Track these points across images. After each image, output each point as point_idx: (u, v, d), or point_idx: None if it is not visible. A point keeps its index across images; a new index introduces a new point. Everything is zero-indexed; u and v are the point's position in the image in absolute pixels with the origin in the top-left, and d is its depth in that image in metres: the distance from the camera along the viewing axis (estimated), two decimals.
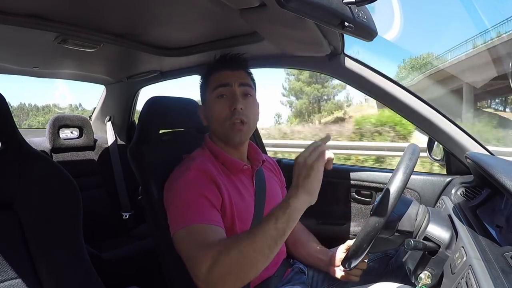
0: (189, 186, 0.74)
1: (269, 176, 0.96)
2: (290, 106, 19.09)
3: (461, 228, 0.73)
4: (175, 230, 0.71)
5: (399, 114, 1.11)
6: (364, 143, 6.28)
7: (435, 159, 1.23)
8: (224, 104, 0.82)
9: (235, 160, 0.85)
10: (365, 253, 0.71)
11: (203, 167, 0.78)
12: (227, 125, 0.82)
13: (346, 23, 0.63)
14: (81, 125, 1.67)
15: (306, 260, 0.98)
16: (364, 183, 1.27)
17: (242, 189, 0.84)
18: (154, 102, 0.98)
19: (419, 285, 0.71)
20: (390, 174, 0.74)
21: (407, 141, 6.08)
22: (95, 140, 1.73)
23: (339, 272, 0.90)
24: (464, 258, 0.62)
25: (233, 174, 0.85)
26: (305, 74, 17.21)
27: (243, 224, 0.80)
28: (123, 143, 1.83)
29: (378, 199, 0.73)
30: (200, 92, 0.92)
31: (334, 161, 0.67)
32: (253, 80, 0.90)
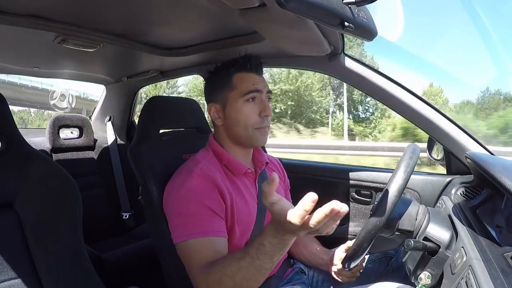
0: (192, 196, 0.74)
1: None
2: None
3: (461, 228, 0.73)
4: (177, 240, 0.73)
5: (399, 114, 1.11)
6: (364, 143, 6.27)
7: (435, 159, 1.23)
8: (253, 109, 0.81)
9: (239, 163, 0.84)
10: (365, 252, 0.71)
11: (207, 172, 0.77)
12: (254, 129, 0.82)
13: (346, 23, 0.63)
14: (81, 125, 1.67)
15: (307, 260, 0.98)
16: (364, 183, 1.27)
17: (245, 192, 0.84)
18: (154, 102, 0.98)
19: (419, 285, 0.71)
20: (390, 174, 0.74)
21: None
22: (95, 140, 1.73)
23: (337, 273, 0.90)
24: (464, 258, 0.62)
25: (236, 177, 0.84)
26: None
27: (243, 228, 0.80)
28: (123, 143, 1.83)
29: (378, 198, 0.73)
30: (214, 89, 0.86)
31: (333, 161, 0.66)
32: None
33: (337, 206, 0.48)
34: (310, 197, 0.49)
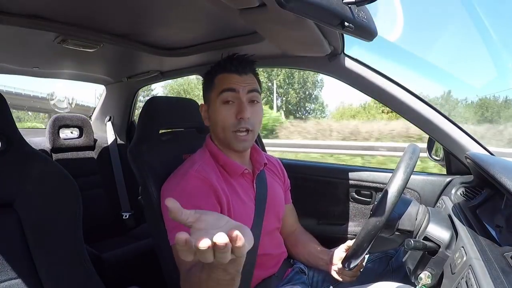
0: (186, 199, 0.72)
1: (271, 179, 0.94)
2: None
3: (461, 228, 0.73)
4: (171, 242, 0.73)
5: (399, 114, 1.10)
6: (363, 143, 6.27)
7: (435, 159, 1.23)
8: (230, 111, 0.79)
9: (235, 164, 0.84)
10: (365, 252, 0.71)
11: (202, 173, 0.76)
12: (231, 132, 0.80)
13: (346, 23, 0.63)
14: (81, 125, 1.67)
15: (306, 261, 0.98)
16: (364, 183, 1.27)
17: (242, 193, 0.84)
18: (154, 102, 0.98)
19: (419, 285, 0.71)
20: (390, 174, 0.74)
21: None
22: (95, 140, 1.73)
23: (338, 273, 0.90)
24: (464, 258, 0.62)
25: (233, 178, 0.84)
26: None
27: None
28: (123, 143, 1.84)
29: (378, 198, 0.73)
30: (203, 90, 0.88)
31: (334, 161, 0.66)
32: (259, 82, 0.88)
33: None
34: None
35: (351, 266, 0.74)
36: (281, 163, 1.05)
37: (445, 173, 1.17)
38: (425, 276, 0.71)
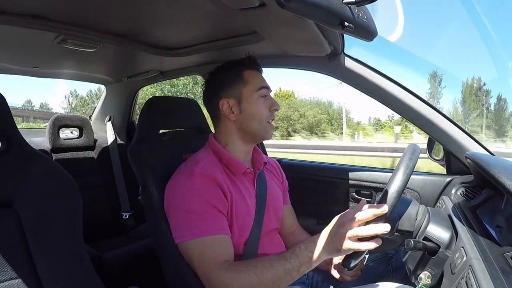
0: (195, 193, 0.74)
1: (270, 179, 0.95)
2: None
3: (461, 228, 0.73)
4: (182, 239, 0.74)
5: (399, 114, 1.11)
6: (363, 143, 6.27)
7: (435, 159, 1.23)
8: (265, 104, 0.86)
9: (239, 162, 0.85)
10: (365, 252, 0.71)
11: (208, 171, 0.78)
12: (266, 123, 0.86)
13: (346, 23, 0.63)
14: (81, 125, 1.67)
15: None
16: (364, 183, 1.27)
17: (244, 191, 0.84)
18: (154, 102, 0.98)
19: (419, 285, 0.71)
20: (390, 174, 0.74)
21: None
22: (95, 140, 1.73)
23: (339, 272, 0.90)
24: (464, 258, 0.62)
25: (236, 177, 0.84)
26: None
27: (241, 227, 0.80)
28: (123, 143, 1.84)
29: (378, 198, 0.73)
30: (224, 86, 0.86)
31: (333, 162, 0.67)
32: None
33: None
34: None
35: (351, 266, 0.74)
36: (279, 164, 1.06)
37: (445, 173, 1.17)
38: (425, 276, 0.71)
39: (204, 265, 0.72)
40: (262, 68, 0.92)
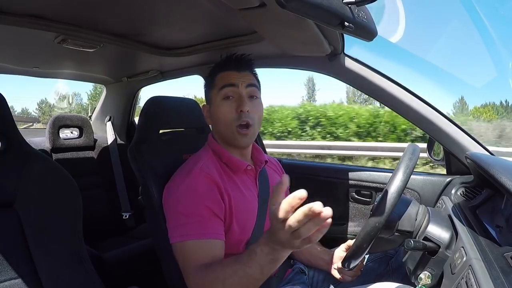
0: (191, 194, 0.74)
1: (272, 177, 0.94)
2: None
3: (461, 228, 0.73)
4: (174, 239, 0.73)
5: (399, 114, 1.11)
6: (362, 143, 6.27)
7: (435, 159, 1.23)
8: (231, 106, 0.81)
9: (238, 160, 0.84)
10: (365, 253, 0.71)
11: (206, 171, 0.77)
12: (233, 127, 0.80)
13: (346, 23, 0.63)
14: (81, 125, 1.67)
15: (307, 261, 0.98)
16: (364, 183, 1.27)
17: (245, 190, 0.84)
18: (154, 102, 0.98)
19: (419, 285, 0.71)
20: (390, 174, 0.74)
21: None
22: (95, 140, 1.73)
23: (339, 272, 0.90)
24: (464, 258, 0.62)
25: (236, 175, 0.84)
26: None
27: (242, 226, 0.80)
28: (123, 143, 1.84)
29: (378, 199, 0.73)
30: (205, 91, 0.90)
31: (333, 161, 0.66)
32: (258, 81, 0.88)
33: (317, 207, 0.48)
34: (298, 194, 0.49)
35: (351, 266, 0.74)
36: (280, 163, 1.06)
37: (445, 173, 1.17)
38: (425, 276, 0.71)
39: (185, 267, 0.72)
40: (263, 68, 0.91)
